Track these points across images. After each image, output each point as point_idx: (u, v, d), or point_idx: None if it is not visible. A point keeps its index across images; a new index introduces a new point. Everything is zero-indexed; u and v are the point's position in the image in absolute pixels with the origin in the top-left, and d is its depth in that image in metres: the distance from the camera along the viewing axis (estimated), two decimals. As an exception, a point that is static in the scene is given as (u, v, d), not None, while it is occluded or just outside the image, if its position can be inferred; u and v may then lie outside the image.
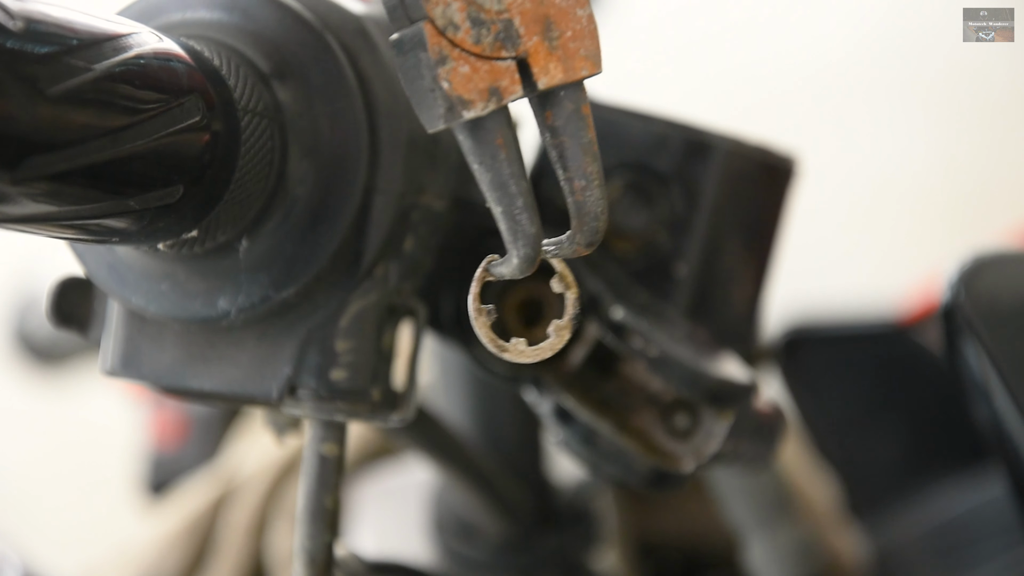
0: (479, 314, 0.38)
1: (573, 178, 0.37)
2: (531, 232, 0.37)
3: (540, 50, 0.36)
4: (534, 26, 0.36)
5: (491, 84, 0.36)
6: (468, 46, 0.35)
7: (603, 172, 0.38)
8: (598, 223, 0.38)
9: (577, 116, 0.37)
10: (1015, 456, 0.59)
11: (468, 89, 0.35)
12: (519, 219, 0.37)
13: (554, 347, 0.39)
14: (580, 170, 0.37)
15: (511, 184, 0.36)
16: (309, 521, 0.46)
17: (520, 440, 0.74)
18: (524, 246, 0.37)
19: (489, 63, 0.36)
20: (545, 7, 0.36)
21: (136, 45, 0.37)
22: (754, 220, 0.55)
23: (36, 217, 0.35)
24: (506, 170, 0.36)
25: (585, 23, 0.37)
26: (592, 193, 0.37)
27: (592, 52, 0.37)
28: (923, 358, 1.08)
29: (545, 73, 0.36)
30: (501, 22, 0.36)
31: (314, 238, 0.43)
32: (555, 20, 0.36)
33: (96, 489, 1.83)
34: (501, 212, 0.37)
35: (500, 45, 0.36)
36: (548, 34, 0.36)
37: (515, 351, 0.39)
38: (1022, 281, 0.63)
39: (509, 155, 0.36)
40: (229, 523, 0.90)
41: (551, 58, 0.36)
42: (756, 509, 0.84)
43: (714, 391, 0.48)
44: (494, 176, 0.36)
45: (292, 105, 0.43)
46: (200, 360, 0.46)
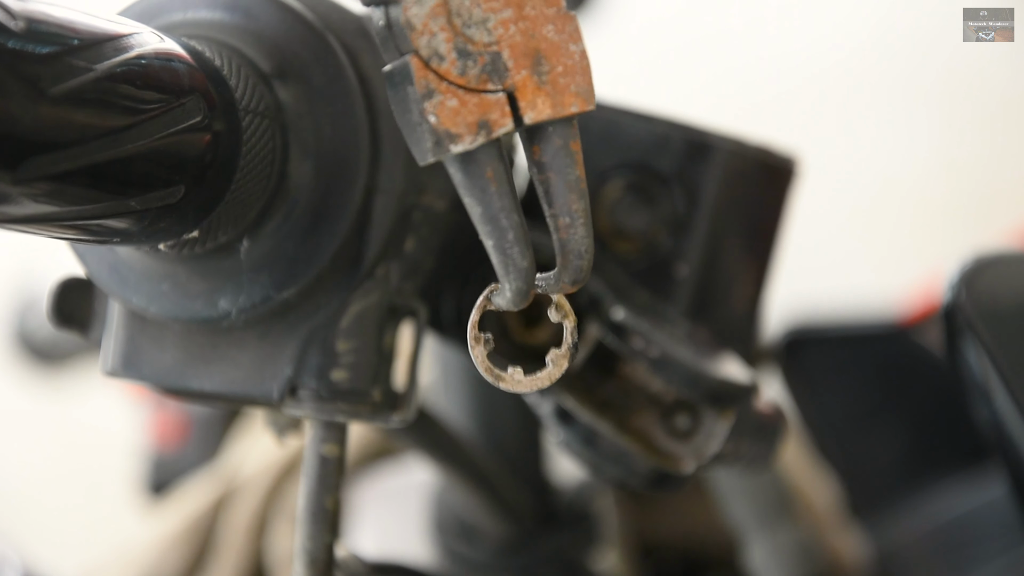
0: (476, 343, 0.38)
1: (558, 215, 0.37)
2: (522, 266, 0.36)
3: (528, 84, 0.36)
4: (523, 60, 0.36)
5: (480, 117, 0.35)
6: (453, 78, 0.35)
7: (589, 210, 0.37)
8: (582, 262, 0.37)
9: (564, 152, 0.36)
10: (1016, 456, 0.59)
11: (456, 123, 0.35)
12: (510, 253, 0.36)
13: (552, 377, 0.39)
14: (565, 207, 0.37)
15: (501, 218, 0.36)
16: (310, 522, 0.46)
17: (521, 441, 0.74)
18: (515, 280, 0.37)
19: (478, 96, 0.35)
20: (536, 41, 0.36)
21: (137, 45, 0.37)
22: (755, 220, 0.55)
23: (37, 217, 0.35)
24: (496, 204, 0.36)
25: (577, 59, 0.36)
26: (576, 231, 0.37)
27: (583, 88, 0.36)
28: (924, 359, 1.08)
29: (532, 108, 0.36)
30: (489, 54, 0.35)
31: (315, 238, 0.43)
32: (546, 55, 0.36)
33: (96, 489, 1.83)
34: (492, 246, 0.36)
35: (486, 77, 0.35)
36: (538, 68, 0.36)
37: (511, 381, 0.39)
38: (1023, 281, 0.63)
39: (500, 189, 0.36)
40: (229, 524, 0.90)
41: (539, 93, 0.36)
42: (756, 510, 0.84)
43: (715, 392, 0.48)
44: (484, 210, 0.36)
45: (293, 105, 0.43)
46: (201, 361, 0.46)
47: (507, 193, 0.36)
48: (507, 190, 0.36)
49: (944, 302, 0.60)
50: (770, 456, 0.53)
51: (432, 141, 0.35)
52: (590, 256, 0.37)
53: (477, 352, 0.38)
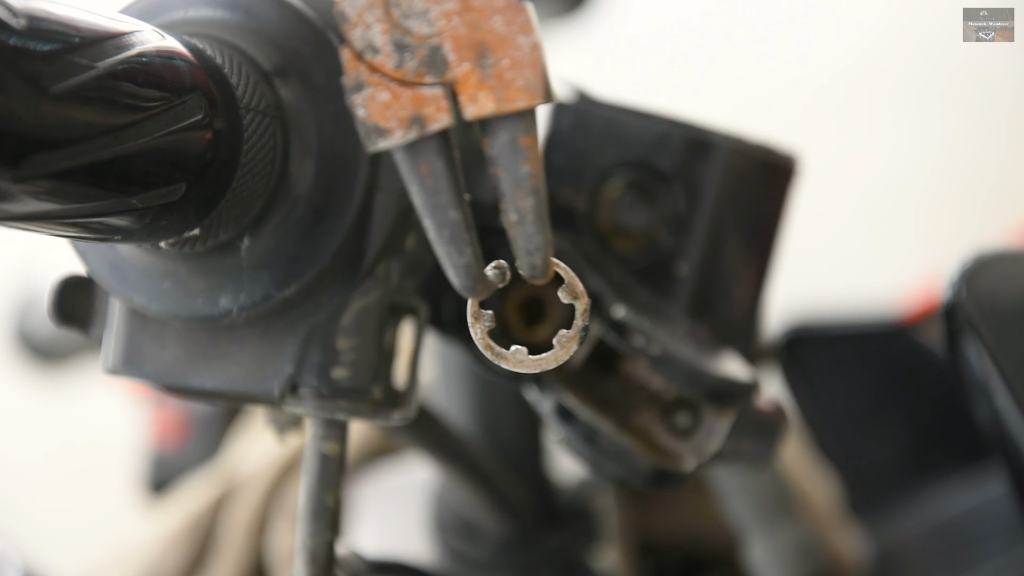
0: (476, 320, 0.37)
1: (507, 211, 0.36)
2: (460, 263, 0.36)
3: (471, 78, 0.34)
4: (467, 52, 0.34)
5: (413, 112, 0.34)
6: (388, 71, 0.34)
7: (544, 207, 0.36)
8: (534, 259, 0.36)
9: (512, 148, 0.35)
10: (1016, 455, 0.59)
11: (386, 117, 0.34)
12: (448, 250, 0.36)
13: (559, 359, 0.37)
14: (514, 204, 0.35)
15: (438, 213, 0.35)
16: (310, 520, 0.46)
17: (521, 439, 0.74)
18: (455, 276, 0.36)
19: (413, 90, 0.34)
20: (482, 33, 0.34)
21: (138, 43, 0.37)
22: (755, 219, 0.55)
23: (38, 215, 0.35)
24: (432, 199, 0.35)
25: (527, 52, 0.34)
26: (525, 229, 0.36)
27: (532, 83, 0.34)
28: (924, 357, 1.08)
29: (473, 102, 0.34)
30: (428, 47, 0.34)
31: (316, 236, 0.43)
32: (492, 47, 0.34)
33: (97, 488, 1.83)
34: (432, 240, 0.36)
35: (423, 71, 0.34)
36: (482, 61, 0.34)
37: (513, 360, 0.37)
38: (1023, 280, 0.63)
39: (436, 184, 0.35)
40: (230, 522, 0.90)
41: (482, 87, 0.34)
42: (757, 508, 0.84)
43: (715, 390, 0.48)
44: (422, 203, 0.35)
45: (294, 103, 0.43)
46: (202, 358, 0.46)
47: (445, 188, 0.35)
48: (445, 185, 0.35)
49: (944, 300, 0.60)
50: (770, 454, 0.53)
51: (362, 134, 0.34)
52: (542, 253, 0.36)
53: (477, 329, 0.37)
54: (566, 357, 0.37)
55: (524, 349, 0.37)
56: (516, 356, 0.37)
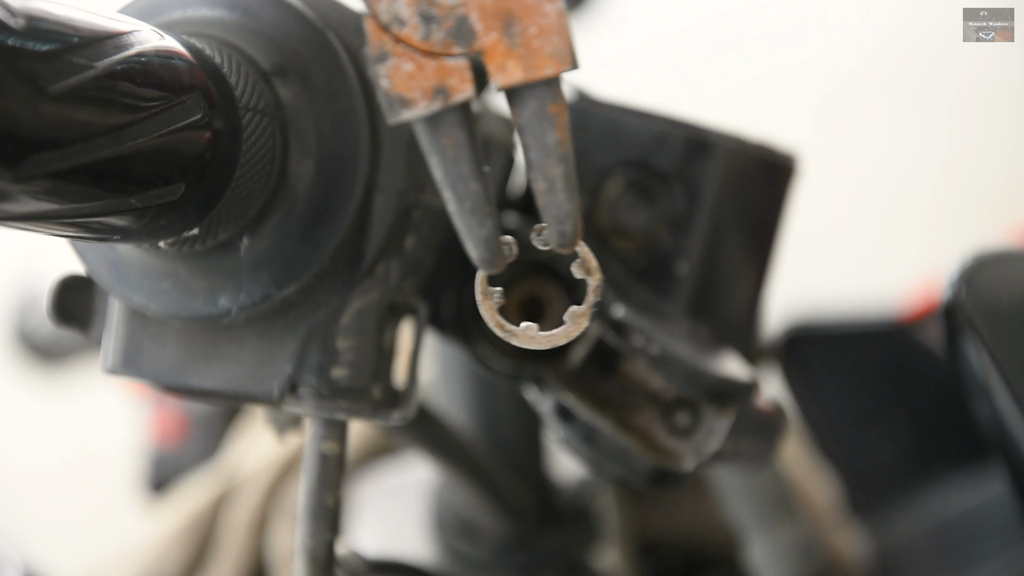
0: (485, 297, 0.37)
1: (536, 179, 0.36)
2: (480, 235, 0.36)
3: (498, 47, 0.34)
4: (493, 22, 0.34)
5: (438, 83, 0.34)
6: (415, 43, 0.34)
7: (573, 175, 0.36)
8: (564, 227, 0.36)
9: (541, 116, 0.35)
10: (1016, 454, 0.59)
11: (410, 87, 0.34)
12: (468, 222, 0.36)
13: (569, 334, 0.37)
14: (542, 172, 0.36)
15: (459, 185, 0.35)
16: (310, 519, 0.46)
17: (521, 438, 0.74)
18: (475, 248, 0.36)
19: (438, 60, 0.34)
20: (508, 2, 0.34)
21: (137, 43, 0.37)
22: (755, 218, 0.55)
23: (37, 215, 0.35)
24: (454, 171, 0.35)
25: (554, 19, 0.34)
26: (555, 197, 0.36)
27: (559, 50, 0.34)
28: (924, 356, 1.08)
29: (502, 71, 0.34)
30: (454, 17, 0.34)
31: (315, 236, 0.43)
32: (518, 16, 0.34)
33: (97, 487, 1.83)
34: (451, 212, 0.36)
35: (451, 42, 0.34)
36: (509, 30, 0.34)
37: (524, 336, 0.37)
38: (1023, 279, 0.63)
39: (458, 155, 0.35)
40: (230, 522, 0.90)
41: (510, 55, 0.34)
42: (757, 508, 0.84)
43: (715, 389, 0.48)
44: (443, 175, 0.35)
45: (293, 103, 0.43)
46: (201, 358, 0.46)
47: (466, 160, 0.35)
48: (467, 157, 0.35)
49: (944, 300, 0.60)
50: (770, 454, 0.53)
51: (385, 104, 0.34)
52: (573, 221, 0.36)
53: (486, 306, 0.37)
54: (577, 332, 0.37)
55: (535, 325, 0.37)
56: (526, 332, 0.37)
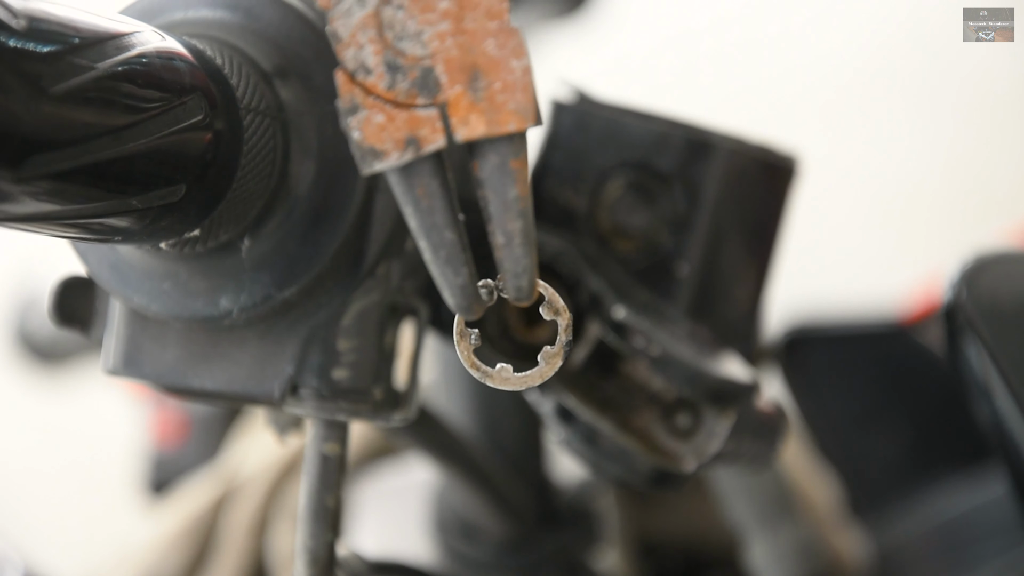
0: (462, 338, 0.38)
1: (495, 233, 0.36)
2: (456, 284, 0.36)
3: (462, 100, 0.34)
4: (459, 75, 0.34)
5: (409, 133, 0.34)
6: (379, 91, 0.34)
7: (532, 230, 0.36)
8: (520, 281, 0.36)
9: (502, 171, 0.35)
10: (1016, 455, 0.59)
11: (382, 139, 0.34)
12: (444, 270, 0.36)
13: (544, 375, 0.38)
14: (501, 226, 0.36)
15: (433, 235, 0.35)
16: (311, 520, 0.46)
17: (522, 439, 0.74)
18: (451, 296, 0.36)
19: (408, 111, 0.34)
20: (474, 56, 0.34)
21: (139, 44, 0.37)
22: (755, 219, 0.55)
23: (39, 216, 0.35)
24: (428, 221, 0.35)
25: (519, 75, 0.34)
26: (512, 252, 0.36)
27: (523, 106, 0.35)
28: (924, 358, 1.08)
29: (464, 124, 0.34)
30: (420, 68, 0.34)
31: (316, 237, 0.43)
32: (484, 70, 0.34)
33: (97, 489, 1.83)
34: (427, 260, 0.36)
35: (415, 92, 0.34)
36: (474, 84, 0.34)
37: (499, 378, 0.38)
38: (1023, 281, 0.63)
39: (432, 205, 0.35)
40: (230, 523, 0.90)
41: (473, 110, 0.34)
42: (757, 509, 0.84)
43: (716, 390, 0.48)
44: (418, 224, 0.35)
45: (294, 104, 0.43)
46: (202, 359, 0.46)
47: (440, 209, 0.35)
48: (441, 206, 0.35)
49: (945, 301, 0.60)
50: (771, 455, 0.53)
51: (358, 156, 0.34)
52: (528, 276, 0.36)
53: (463, 347, 0.38)
54: (551, 373, 0.38)
55: (509, 367, 0.38)
56: (501, 374, 0.38)
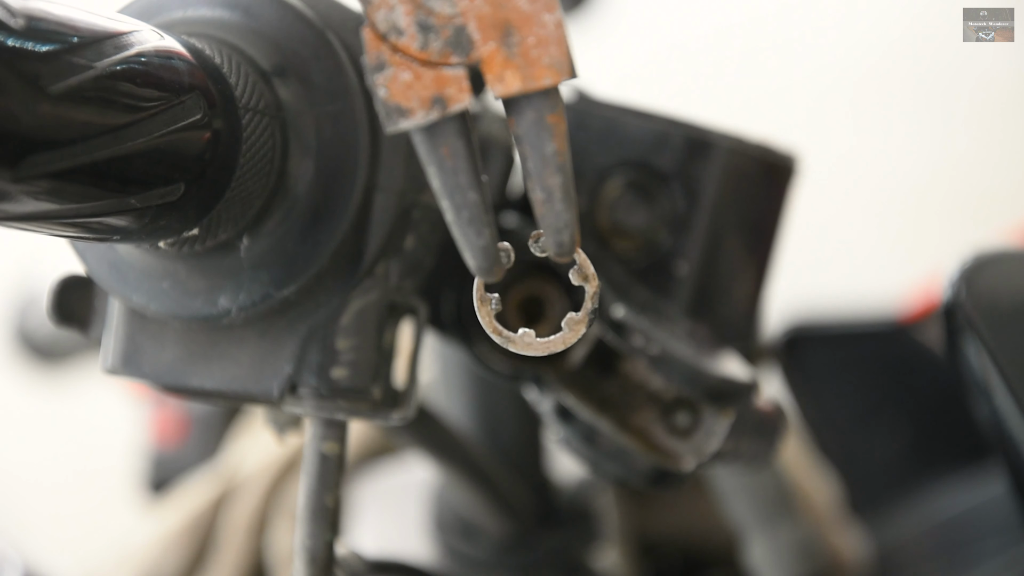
0: (483, 303, 0.37)
1: (534, 189, 0.36)
2: (478, 244, 0.36)
3: (496, 57, 0.34)
4: (491, 32, 0.34)
5: (435, 92, 0.34)
6: (413, 52, 0.34)
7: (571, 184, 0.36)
8: (562, 236, 0.36)
9: (539, 126, 0.35)
10: (1016, 454, 0.59)
11: (408, 97, 0.34)
12: (466, 231, 0.36)
13: (567, 341, 0.37)
14: (540, 182, 0.36)
15: (457, 195, 0.35)
16: (310, 519, 0.46)
17: (521, 438, 0.74)
18: (472, 257, 0.36)
19: (435, 70, 0.34)
20: (506, 11, 0.34)
21: (137, 43, 0.37)
22: (755, 218, 0.55)
23: (37, 215, 0.35)
24: (451, 180, 0.35)
25: (552, 29, 0.34)
26: (553, 207, 0.36)
27: (558, 60, 0.34)
28: (924, 356, 1.08)
29: (500, 81, 0.34)
30: (452, 27, 0.34)
31: (315, 236, 0.43)
32: (516, 26, 0.34)
33: (97, 488, 1.83)
34: (449, 221, 0.36)
35: (449, 51, 0.34)
36: (507, 40, 0.34)
37: (522, 343, 0.37)
38: (1023, 280, 0.63)
39: (456, 165, 0.35)
40: (230, 522, 0.90)
41: (508, 66, 0.34)
42: (757, 508, 0.84)
43: (715, 389, 0.48)
44: (441, 184, 0.35)
45: (293, 103, 0.43)
46: (201, 358, 0.46)
47: (465, 170, 0.35)
48: (465, 166, 0.35)
49: (944, 300, 0.60)
50: (770, 454, 0.53)
51: (383, 114, 0.34)
52: (570, 231, 0.36)
53: (484, 313, 0.37)
54: (574, 339, 0.37)
55: (531, 332, 0.37)
56: (524, 339, 0.37)
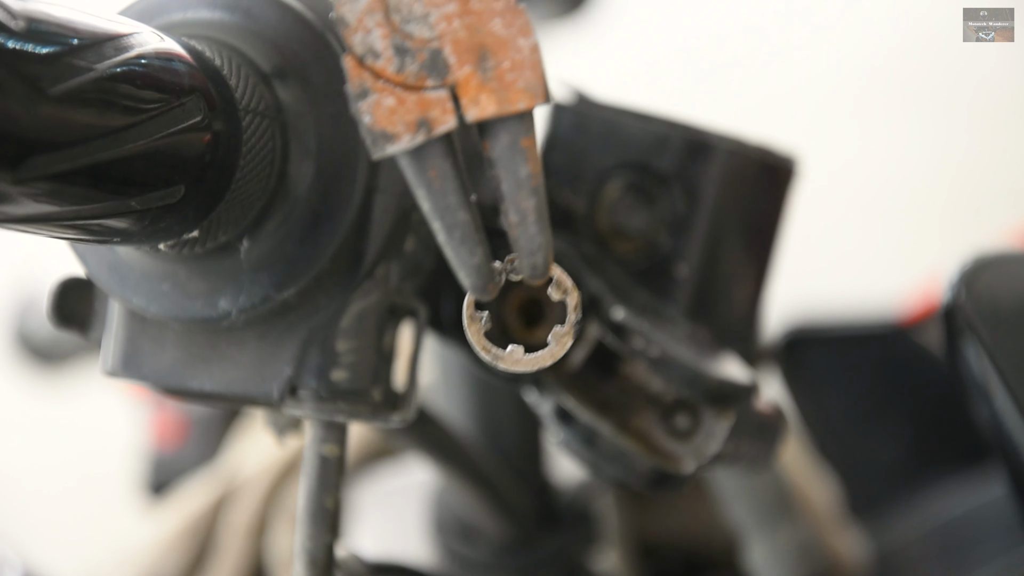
0: (472, 321, 0.38)
1: (508, 212, 0.36)
2: (471, 263, 0.36)
3: (472, 81, 0.35)
4: (467, 55, 0.35)
5: (420, 115, 0.34)
6: (389, 75, 0.34)
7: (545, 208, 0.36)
8: (535, 259, 0.37)
9: (512, 149, 0.36)
10: (1015, 456, 0.59)
11: (393, 122, 0.34)
12: (459, 251, 0.36)
13: (554, 355, 0.38)
14: (514, 205, 0.36)
15: (447, 216, 0.36)
16: (310, 522, 0.46)
17: (521, 441, 0.74)
18: (467, 277, 0.36)
19: (418, 93, 0.34)
20: (482, 36, 0.35)
21: (138, 45, 0.37)
22: (755, 220, 0.55)
23: (37, 217, 0.35)
24: (441, 202, 0.35)
25: (527, 54, 0.35)
26: (527, 230, 0.36)
27: (532, 84, 0.35)
28: (924, 358, 1.08)
29: (475, 104, 0.35)
30: (429, 50, 0.35)
31: (315, 238, 0.43)
32: (492, 50, 0.35)
33: (96, 489, 1.83)
34: (441, 242, 0.36)
35: (424, 75, 0.35)
36: (483, 64, 0.35)
37: (510, 360, 0.38)
38: (1023, 282, 0.63)
39: (444, 186, 0.35)
40: (229, 524, 0.90)
41: (483, 89, 0.35)
42: (756, 510, 0.84)
43: (715, 391, 0.48)
44: (431, 207, 0.36)
45: (293, 105, 0.43)
46: (201, 361, 0.46)
47: (453, 190, 0.35)
48: (454, 187, 0.35)
49: (944, 302, 0.60)
50: (770, 456, 0.53)
51: (369, 141, 0.35)
52: (544, 253, 0.37)
53: (473, 330, 0.38)
54: (561, 353, 0.38)
55: (520, 348, 0.38)
56: (512, 356, 0.38)
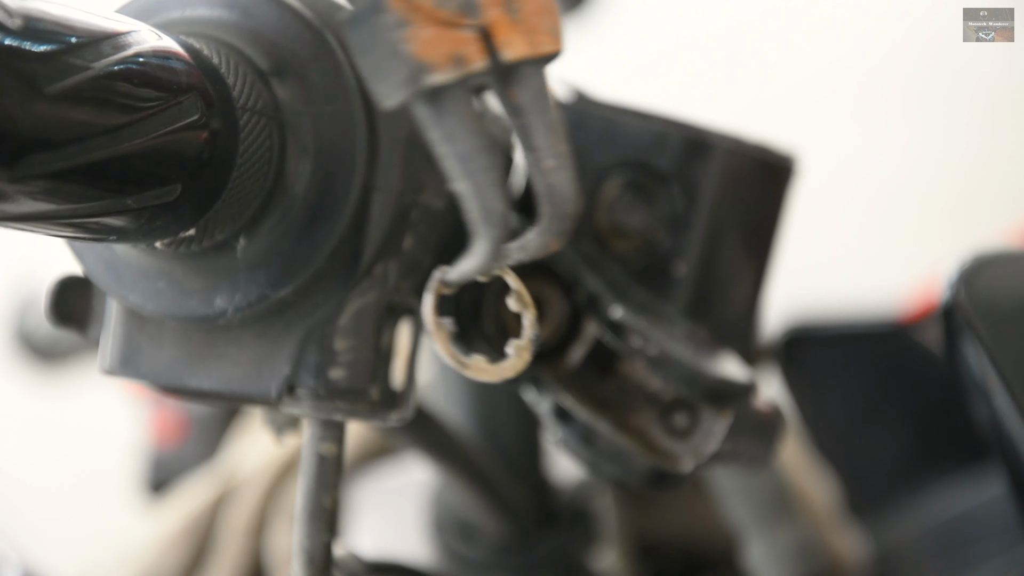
0: (437, 328, 0.38)
1: (542, 159, 0.35)
2: (498, 210, 0.35)
3: (502, 21, 0.34)
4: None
5: (454, 51, 0.34)
6: (428, 9, 0.34)
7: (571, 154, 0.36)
8: (568, 207, 0.36)
9: (542, 94, 0.35)
10: (1015, 455, 0.59)
11: (432, 53, 0.33)
12: (484, 195, 0.35)
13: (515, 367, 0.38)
14: (549, 149, 0.35)
15: (473, 159, 0.35)
16: (308, 521, 0.46)
17: (519, 439, 0.74)
18: (492, 227, 0.35)
19: (452, 30, 0.34)
20: None
21: (135, 43, 0.37)
22: (754, 219, 0.55)
23: (34, 215, 0.35)
24: (466, 144, 0.34)
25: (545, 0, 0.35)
26: (564, 174, 0.36)
27: (552, 28, 0.35)
28: (923, 357, 1.08)
29: (509, 45, 0.34)
30: None
31: (312, 237, 0.43)
32: None
33: (96, 488, 1.83)
34: (464, 189, 0.35)
35: (461, 13, 0.34)
36: (509, 6, 0.35)
37: (475, 368, 0.38)
38: (1023, 280, 0.63)
39: (470, 127, 0.34)
40: (228, 523, 0.90)
41: (514, 30, 0.34)
42: (755, 509, 0.84)
43: (713, 390, 0.48)
44: (457, 149, 0.35)
45: (291, 103, 0.43)
46: (198, 359, 0.46)
47: (481, 132, 0.35)
48: (479, 130, 0.35)
49: (943, 301, 0.60)
50: (769, 455, 0.53)
51: (406, 72, 0.33)
52: (577, 204, 0.36)
53: (439, 338, 0.38)
54: (522, 365, 0.38)
55: (483, 358, 0.38)
56: (477, 364, 0.38)
